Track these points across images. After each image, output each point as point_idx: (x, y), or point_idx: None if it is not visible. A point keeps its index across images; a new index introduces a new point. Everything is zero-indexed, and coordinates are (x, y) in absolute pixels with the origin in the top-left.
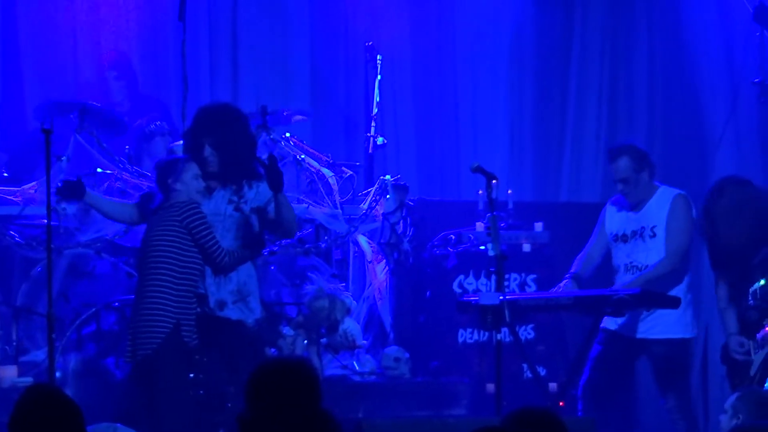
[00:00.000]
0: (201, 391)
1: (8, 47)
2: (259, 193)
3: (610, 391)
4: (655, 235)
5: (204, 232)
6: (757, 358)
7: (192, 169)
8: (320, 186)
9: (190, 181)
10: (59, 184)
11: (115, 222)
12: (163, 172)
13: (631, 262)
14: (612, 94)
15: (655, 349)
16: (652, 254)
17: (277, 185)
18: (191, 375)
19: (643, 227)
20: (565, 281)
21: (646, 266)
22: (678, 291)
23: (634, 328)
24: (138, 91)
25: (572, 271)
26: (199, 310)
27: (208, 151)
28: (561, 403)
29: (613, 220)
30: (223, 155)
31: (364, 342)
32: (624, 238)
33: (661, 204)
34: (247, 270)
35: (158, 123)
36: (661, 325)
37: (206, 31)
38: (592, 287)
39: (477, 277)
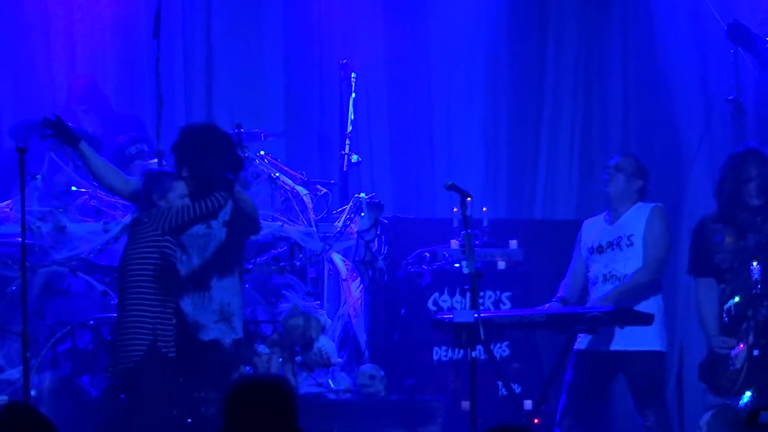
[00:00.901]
0: (175, 412)
1: None
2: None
3: (589, 415)
4: (632, 243)
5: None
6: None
7: (179, 189)
8: (295, 204)
9: (174, 200)
10: (53, 119)
11: (90, 240)
12: (149, 185)
13: (609, 272)
14: (586, 112)
15: (632, 362)
16: (630, 263)
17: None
18: (170, 389)
19: (619, 236)
20: (548, 305)
21: (625, 275)
22: (654, 302)
23: (608, 341)
24: (112, 113)
25: (558, 295)
26: (176, 321)
27: (185, 171)
28: (536, 421)
29: (589, 235)
30: (198, 176)
31: (339, 360)
32: (600, 249)
33: (638, 215)
34: (231, 289)
35: (138, 145)
36: (636, 337)
37: (181, 49)
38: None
39: (452, 295)
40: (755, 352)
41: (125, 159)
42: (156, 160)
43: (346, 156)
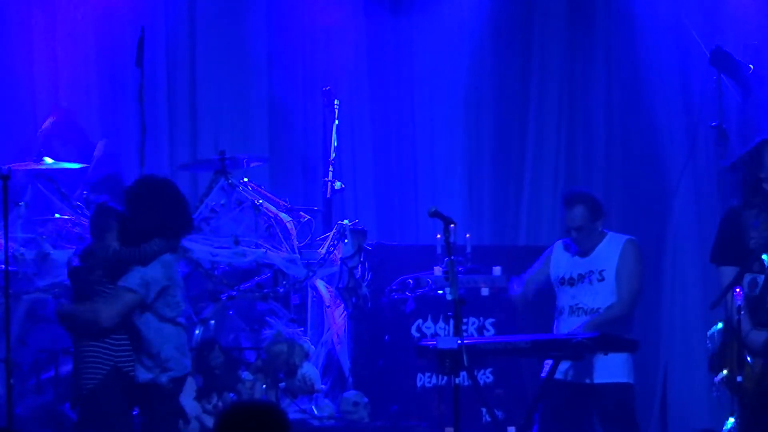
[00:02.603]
0: None
1: None
2: None
3: None
4: (603, 279)
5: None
6: None
7: (114, 230)
8: (278, 231)
9: (111, 241)
10: None
11: None
12: (98, 219)
13: (576, 304)
14: (570, 138)
15: (600, 395)
16: (598, 297)
17: None
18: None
19: (591, 271)
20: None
21: (592, 309)
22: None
23: (578, 373)
24: (88, 143)
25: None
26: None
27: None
28: None
29: (560, 263)
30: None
31: (323, 386)
32: (570, 282)
33: (611, 249)
34: (158, 332)
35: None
36: (604, 370)
37: (164, 76)
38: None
39: (435, 321)
40: None
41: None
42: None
43: (329, 183)
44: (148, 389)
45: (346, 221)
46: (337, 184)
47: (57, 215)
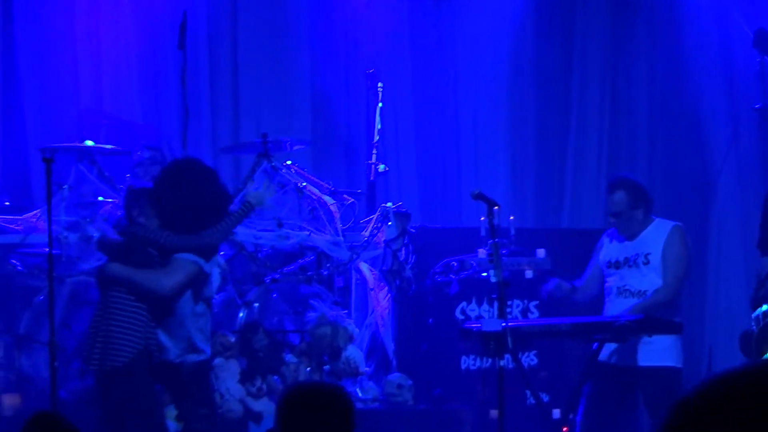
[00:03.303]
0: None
1: (8, 79)
2: None
3: (607, 428)
4: (648, 262)
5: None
6: None
7: (155, 206)
8: (322, 214)
9: (152, 218)
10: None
11: None
12: (130, 201)
13: (624, 286)
14: (613, 121)
15: (648, 378)
16: (644, 280)
17: None
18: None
19: (636, 254)
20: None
21: (639, 291)
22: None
23: (626, 355)
24: (137, 125)
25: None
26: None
27: (167, 205)
28: (564, 429)
29: (608, 249)
30: (177, 207)
31: (367, 369)
32: (617, 265)
33: (657, 234)
34: (192, 311)
35: (139, 153)
36: (653, 354)
37: (206, 59)
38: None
39: (479, 304)
40: None
41: (131, 165)
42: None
43: (372, 165)
44: (175, 369)
45: (389, 204)
46: (381, 167)
47: (100, 198)
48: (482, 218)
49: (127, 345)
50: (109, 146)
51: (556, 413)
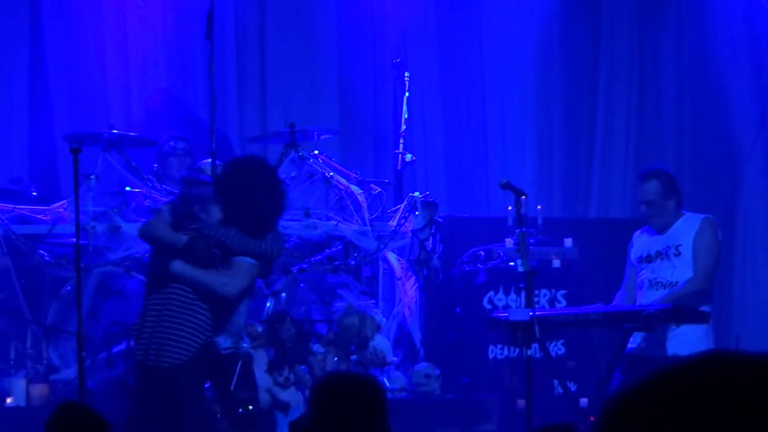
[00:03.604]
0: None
1: (36, 70)
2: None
3: None
4: (679, 253)
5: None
6: None
7: (219, 203)
8: (349, 203)
9: (215, 214)
10: None
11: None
12: (191, 196)
13: (655, 278)
14: (640, 109)
15: None
16: (676, 271)
17: None
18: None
19: (667, 246)
20: None
21: (670, 282)
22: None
23: (657, 345)
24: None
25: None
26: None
27: (235, 203)
28: (592, 419)
29: (639, 245)
30: (247, 206)
31: (394, 359)
32: (648, 259)
33: (688, 226)
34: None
35: (171, 144)
36: (684, 343)
37: (233, 49)
38: None
39: (507, 293)
40: None
41: (161, 155)
42: (209, 160)
43: (400, 155)
44: (224, 363)
45: (416, 193)
46: (408, 157)
47: (128, 188)
48: (510, 208)
49: (188, 342)
50: (135, 134)
51: (584, 402)
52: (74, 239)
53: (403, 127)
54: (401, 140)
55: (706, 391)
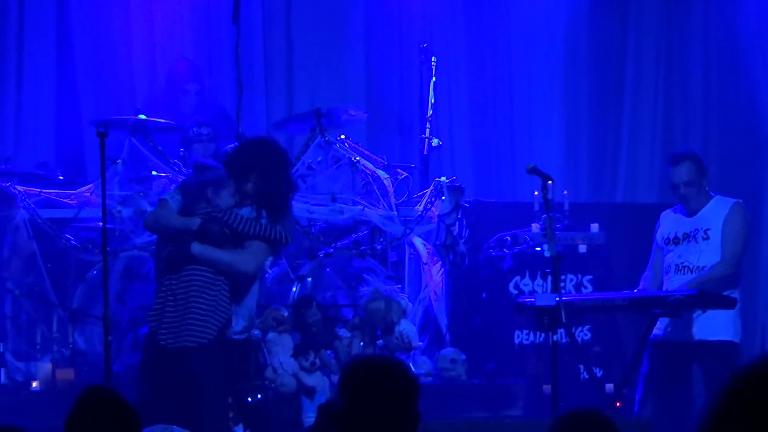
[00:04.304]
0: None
1: (63, 54)
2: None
3: (668, 406)
4: (708, 237)
5: (250, 226)
6: None
7: (231, 186)
8: (375, 188)
9: (227, 198)
10: None
11: None
12: (203, 181)
13: (682, 263)
14: (668, 94)
15: (706, 352)
16: (704, 255)
17: None
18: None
19: (696, 229)
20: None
21: (698, 267)
22: (731, 295)
23: (683, 330)
24: (209, 92)
25: (641, 288)
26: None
27: (250, 185)
28: (617, 404)
29: (665, 226)
30: (261, 188)
31: (420, 344)
32: (676, 241)
33: (717, 210)
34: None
35: (196, 129)
36: (710, 328)
37: (260, 33)
38: None
39: (533, 279)
40: None
41: (186, 140)
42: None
43: (426, 140)
44: (241, 344)
45: (443, 178)
46: (435, 141)
47: (154, 172)
48: (536, 192)
49: (212, 321)
50: (162, 120)
51: (610, 388)
52: (100, 223)
53: (430, 112)
54: (428, 125)
55: None
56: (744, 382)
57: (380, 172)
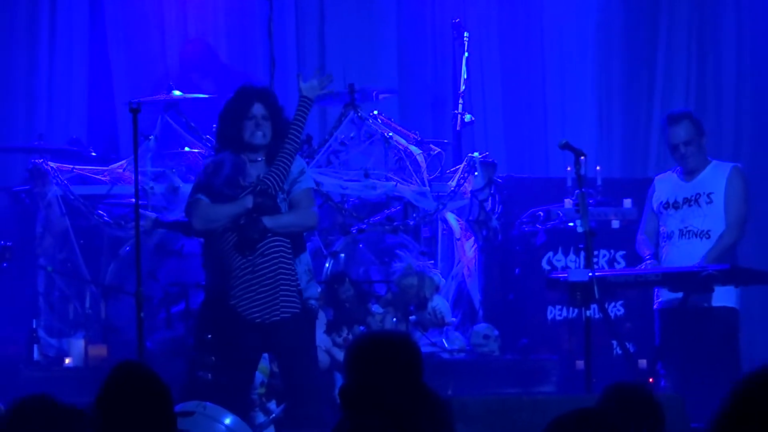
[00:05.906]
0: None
1: (96, 30)
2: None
3: (687, 375)
4: (711, 201)
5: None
6: None
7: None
8: (408, 164)
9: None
10: None
11: None
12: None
13: (686, 227)
14: (700, 69)
15: (710, 317)
16: (707, 219)
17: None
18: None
19: (698, 193)
20: (649, 262)
21: (702, 231)
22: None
23: (701, 298)
24: (225, 70)
25: (649, 254)
26: None
27: (258, 109)
28: (651, 380)
29: (662, 190)
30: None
31: (453, 319)
32: (675, 205)
33: (717, 174)
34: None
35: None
36: (727, 296)
37: (293, 9)
38: None
39: (566, 254)
40: None
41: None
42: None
43: (459, 115)
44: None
45: (476, 154)
46: (467, 117)
47: (186, 149)
48: (569, 168)
49: (298, 289)
50: (196, 95)
51: (643, 364)
52: (133, 200)
53: (462, 88)
54: (460, 101)
55: None
56: (755, 384)
57: (413, 148)
